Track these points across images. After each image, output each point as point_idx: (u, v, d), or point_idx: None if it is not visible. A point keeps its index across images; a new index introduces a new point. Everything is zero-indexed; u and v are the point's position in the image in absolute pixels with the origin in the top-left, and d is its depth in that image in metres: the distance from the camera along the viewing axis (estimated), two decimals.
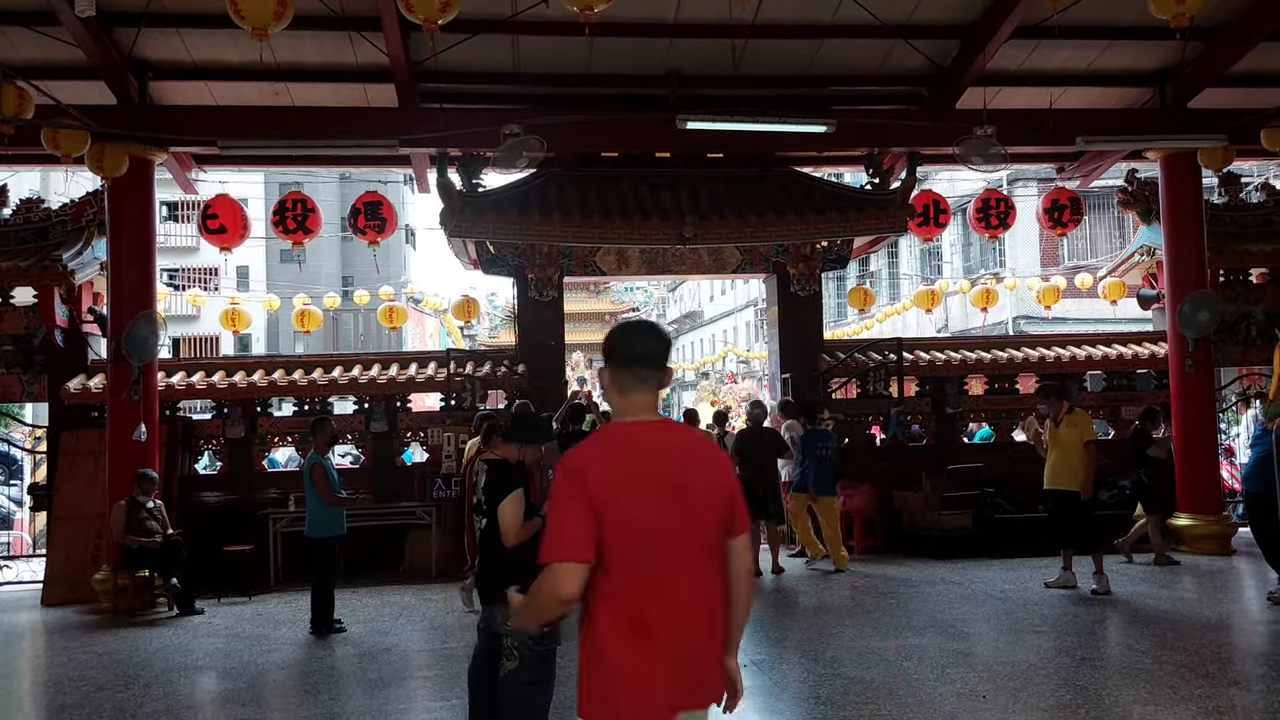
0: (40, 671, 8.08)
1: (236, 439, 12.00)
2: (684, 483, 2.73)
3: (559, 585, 2.64)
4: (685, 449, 2.81)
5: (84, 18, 8.69)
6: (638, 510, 2.66)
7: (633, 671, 2.68)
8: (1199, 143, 11.25)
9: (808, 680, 6.54)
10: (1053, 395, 9.63)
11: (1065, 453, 9.29)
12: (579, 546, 2.64)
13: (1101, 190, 18.95)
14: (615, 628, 2.70)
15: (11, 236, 11.80)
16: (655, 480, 2.70)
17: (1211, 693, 5.96)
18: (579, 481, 2.67)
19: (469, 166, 11.74)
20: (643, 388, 2.82)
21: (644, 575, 2.68)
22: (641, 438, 2.77)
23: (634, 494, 2.67)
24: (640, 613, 2.68)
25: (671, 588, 2.70)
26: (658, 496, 2.69)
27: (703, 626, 2.76)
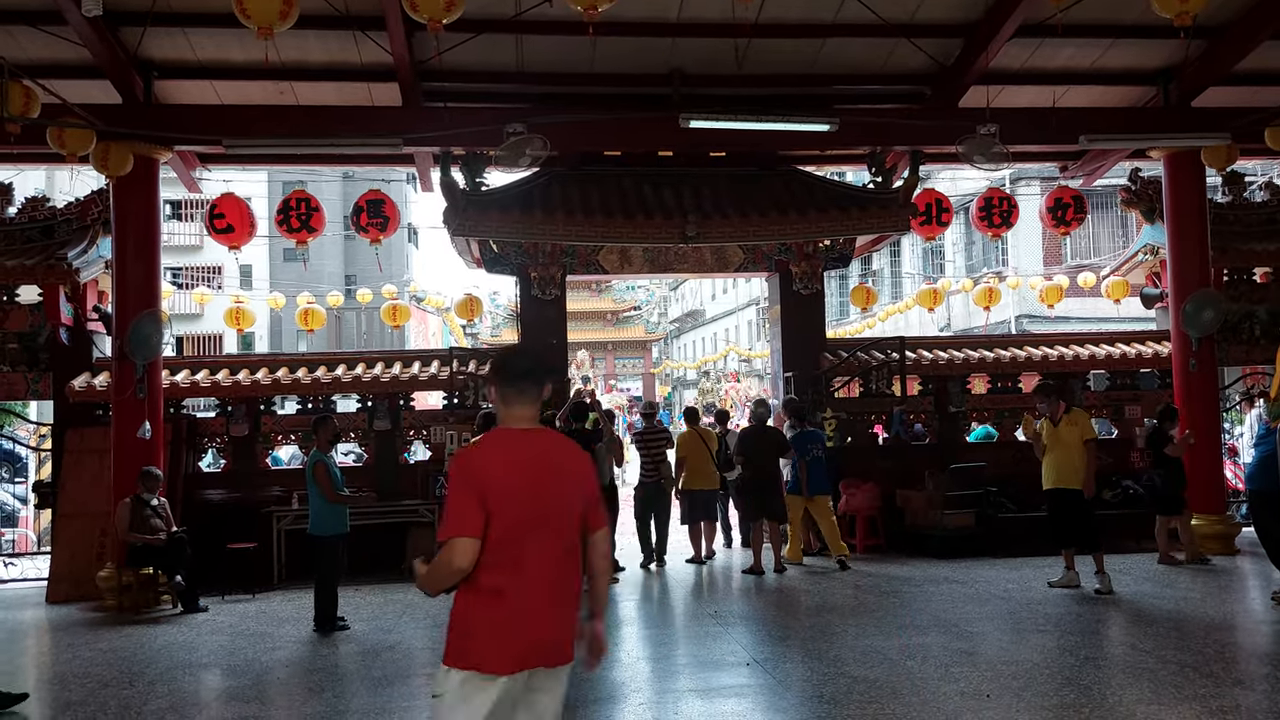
0: (45, 668, 8.10)
1: (240, 437, 12.02)
2: (549, 480, 3.34)
3: (455, 557, 3.21)
4: (553, 452, 3.43)
5: (90, 17, 8.71)
6: (510, 500, 3.24)
7: (484, 628, 3.25)
8: (1203, 141, 11.25)
9: (811, 679, 6.55)
10: (1051, 394, 9.61)
11: (1066, 452, 9.27)
12: (472, 525, 3.20)
13: (1104, 189, 18.95)
14: (478, 594, 3.27)
15: (17, 235, 11.83)
16: (527, 477, 3.30)
17: (1215, 692, 5.97)
18: (470, 474, 3.29)
19: (472, 165, 11.76)
20: (522, 400, 3.42)
21: (506, 553, 3.24)
22: (519, 441, 3.39)
23: (508, 486, 3.26)
24: (499, 584, 3.25)
25: (528, 566, 3.27)
26: (527, 490, 3.28)
27: (551, 600, 3.31)
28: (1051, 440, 9.36)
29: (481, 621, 3.27)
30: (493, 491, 3.23)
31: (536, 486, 3.30)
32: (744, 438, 11.22)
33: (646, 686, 6.70)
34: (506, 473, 3.28)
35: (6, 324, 11.66)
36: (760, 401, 12.14)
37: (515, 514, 3.25)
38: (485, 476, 3.26)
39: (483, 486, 3.24)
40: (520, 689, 3.28)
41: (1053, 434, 9.36)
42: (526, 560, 3.27)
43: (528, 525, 3.27)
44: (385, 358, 12.88)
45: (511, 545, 3.26)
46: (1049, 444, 9.37)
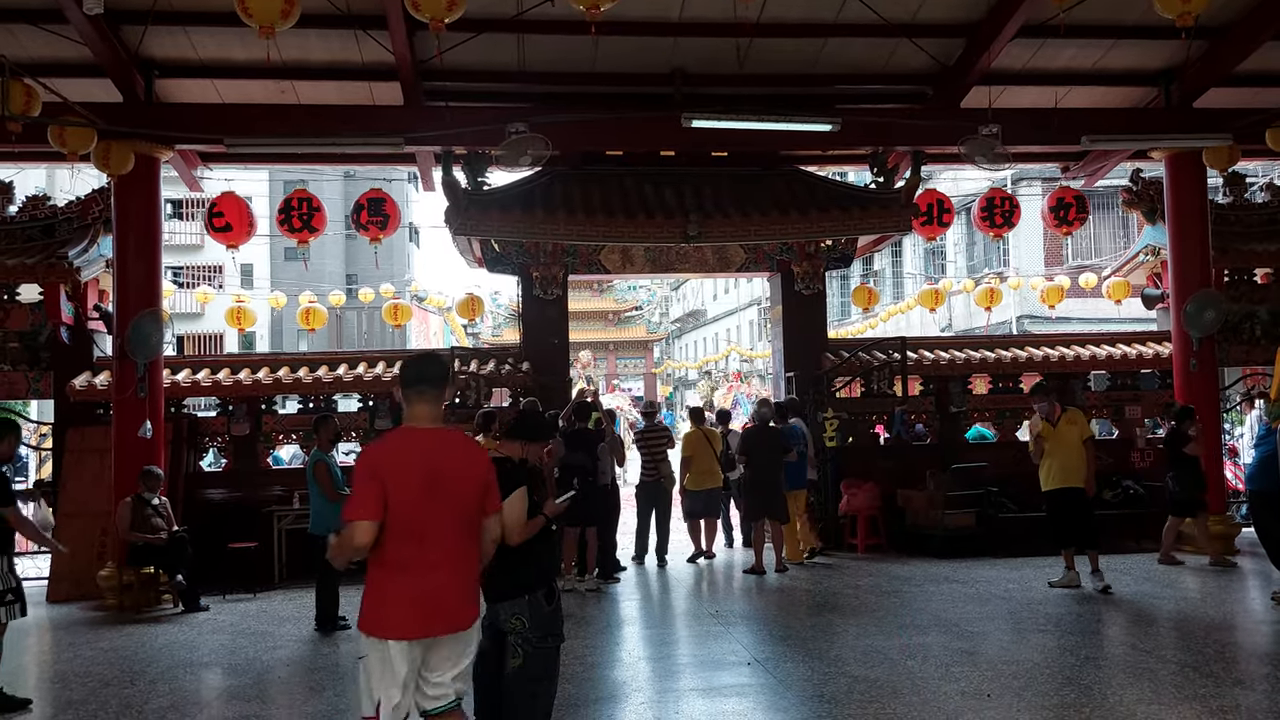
0: (46, 667, 8.10)
1: (241, 436, 12.03)
2: (444, 471, 3.85)
3: (356, 536, 3.75)
4: (450, 447, 3.96)
5: (91, 15, 8.72)
6: (408, 488, 3.77)
7: (393, 600, 3.81)
8: (1204, 142, 11.24)
9: (811, 678, 6.55)
10: (1050, 395, 9.62)
11: (1067, 452, 9.27)
12: (371, 510, 3.74)
13: (1106, 190, 18.94)
14: (386, 569, 3.83)
15: (18, 234, 11.83)
16: (423, 468, 3.82)
17: (1216, 692, 5.97)
18: (373, 466, 3.84)
19: (474, 165, 11.76)
20: (422, 401, 3.97)
21: (408, 533, 3.79)
22: (420, 438, 3.93)
23: (407, 476, 3.78)
24: (403, 559, 3.80)
25: (428, 543, 3.82)
26: (424, 479, 3.80)
27: (450, 572, 3.88)
28: (1051, 441, 9.34)
29: (391, 593, 3.82)
30: (391, 481, 3.77)
31: (433, 476, 3.82)
32: (746, 437, 11.22)
33: (648, 685, 6.70)
34: (404, 464, 3.82)
35: (7, 323, 11.66)
36: (764, 401, 12.15)
37: (413, 499, 3.78)
38: (385, 468, 3.81)
39: (382, 476, 3.78)
40: (428, 650, 3.84)
41: (1052, 435, 9.35)
42: (427, 538, 3.82)
43: (425, 509, 3.81)
44: (386, 357, 12.88)
45: (412, 526, 3.80)
46: (1049, 445, 9.35)
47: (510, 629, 4.82)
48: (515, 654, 4.81)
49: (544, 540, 5.05)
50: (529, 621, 4.79)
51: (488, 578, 5.06)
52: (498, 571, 4.95)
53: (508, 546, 4.87)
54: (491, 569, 5.01)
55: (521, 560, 4.89)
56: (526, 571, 4.89)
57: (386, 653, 3.81)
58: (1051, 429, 9.35)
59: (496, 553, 4.94)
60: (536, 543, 4.95)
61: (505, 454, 5.12)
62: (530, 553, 4.92)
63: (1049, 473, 9.39)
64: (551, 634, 4.90)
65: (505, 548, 4.88)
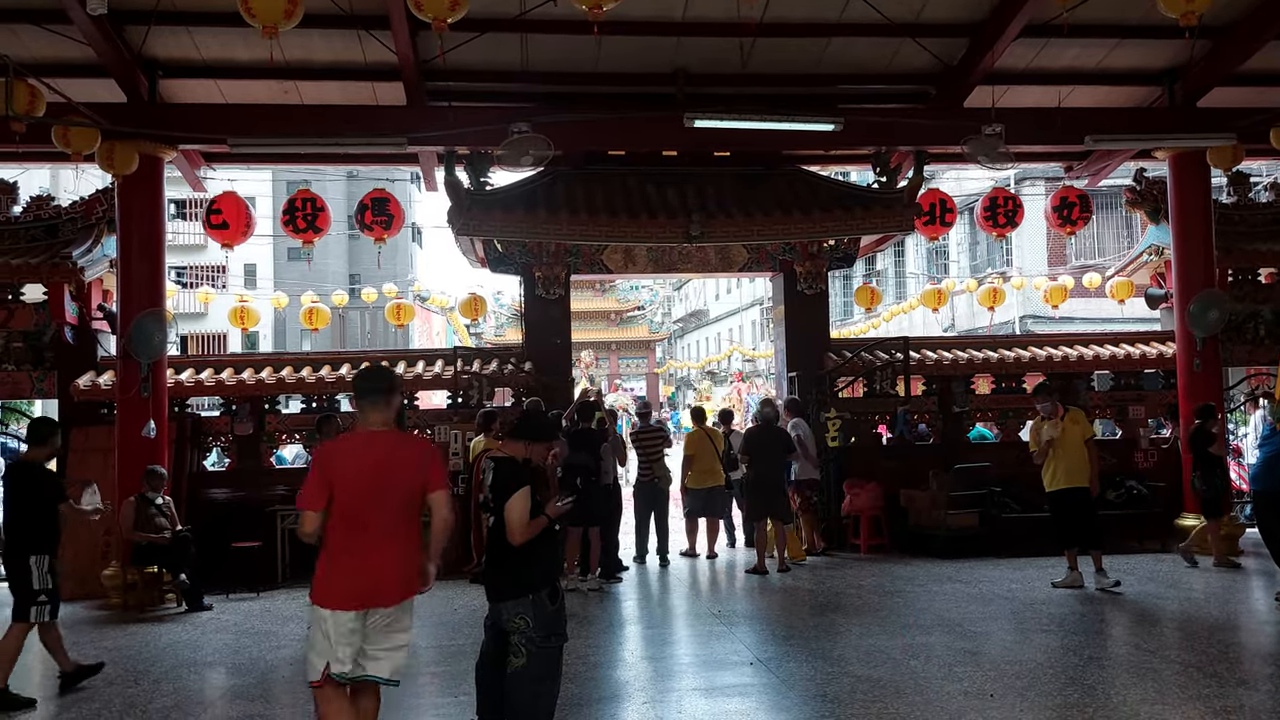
0: (50, 666, 8.10)
1: (245, 436, 12.03)
2: (385, 466, 4.46)
3: (304, 523, 4.48)
4: (392, 445, 4.56)
5: (95, 16, 8.73)
6: (352, 481, 4.41)
7: (337, 576, 4.42)
8: (1208, 142, 11.22)
9: (814, 678, 6.54)
10: (1053, 394, 9.62)
11: (1071, 452, 9.28)
12: (316, 501, 4.40)
13: (1109, 189, 18.91)
14: (333, 549, 4.44)
15: (22, 234, 11.85)
16: (366, 464, 4.44)
17: (1219, 693, 5.96)
18: (321, 462, 4.52)
19: (477, 165, 11.77)
20: (371, 408, 4.57)
21: (349, 520, 4.40)
22: (366, 439, 4.57)
23: (352, 472, 4.43)
24: (346, 544, 4.42)
25: (364, 530, 4.41)
26: (366, 474, 4.43)
27: (386, 557, 4.44)
28: (1055, 441, 9.34)
29: (334, 571, 4.44)
30: (336, 476, 4.41)
31: (376, 471, 4.43)
32: (749, 437, 11.22)
33: (650, 685, 6.70)
34: (350, 462, 4.45)
35: (11, 323, 11.68)
36: (766, 401, 12.16)
37: (357, 491, 4.40)
38: (332, 466, 4.45)
39: (329, 473, 4.42)
40: (366, 621, 4.41)
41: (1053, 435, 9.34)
42: (369, 525, 4.41)
43: (368, 499, 4.40)
44: (389, 357, 12.91)
45: (355, 514, 4.40)
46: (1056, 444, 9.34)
47: (514, 628, 4.83)
48: (518, 653, 4.82)
49: (547, 540, 5.06)
50: (532, 621, 4.80)
51: (490, 577, 5.07)
52: (501, 571, 4.96)
53: (510, 546, 4.88)
54: (494, 568, 5.02)
55: (525, 560, 4.90)
56: (530, 571, 4.90)
57: (328, 623, 4.37)
58: (1057, 430, 9.36)
59: (499, 553, 4.96)
60: (539, 542, 4.96)
61: (509, 454, 5.13)
62: (533, 552, 4.93)
63: (1053, 473, 9.39)
64: (555, 633, 4.91)
65: (508, 547, 4.89)
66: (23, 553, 6.68)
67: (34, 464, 6.95)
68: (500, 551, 4.95)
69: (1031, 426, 9.98)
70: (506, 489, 4.90)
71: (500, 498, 4.90)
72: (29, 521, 6.74)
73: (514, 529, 4.83)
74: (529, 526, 4.85)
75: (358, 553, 4.40)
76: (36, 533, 6.71)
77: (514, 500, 4.85)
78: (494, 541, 4.99)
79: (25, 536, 6.71)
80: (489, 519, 5.03)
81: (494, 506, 4.96)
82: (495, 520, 4.95)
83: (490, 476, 5.02)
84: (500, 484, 4.94)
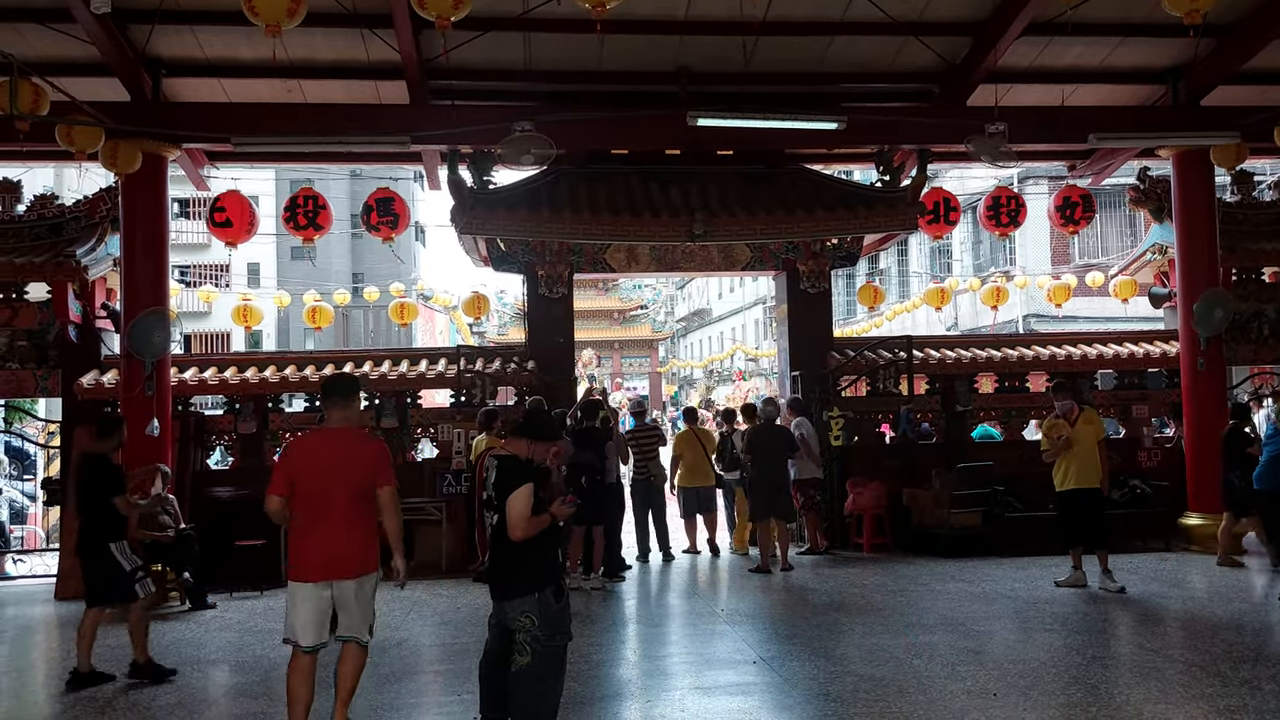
0: (54, 664, 8.12)
1: (248, 434, 12.04)
2: (339, 459, 5.25)
3: (268, 506, 5.28)
4: (348, 442, 5.34)
5: (99, 15, 8.74)
6: (312, 472, 5.24)
7: (304, 553, 5.27)
8: (1212, 140, 11.21)
9: (817, 677, 6.55)
10: (1070, 393, 9.57)
11: (1083, 452, 9.24)
12: (278, 488, 5.26)
13: (1113, 188, 18.90)
14: (297, 532, 5.32)
15: (26, 232, 11.86)
16: (323, 457, 5.28)
17: (1223, 692, 5.96)
18: (285, 457, 5.47)
19: (480, 163, 11.77)
20: (334, 408, 5.43)
21: (311, 504, 5.22)
22: (326, 435, 5.44)
23: (310, 463, 5.27)
24: (309, 525, 5.24)
25: (325, 512, 5.20)
26: (325, 464, 5.23)
27: (344, 535, 5.22)
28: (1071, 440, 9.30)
29: (301, 549, 5.27)
30: (298, 468, 5.26)
31: (333, 463, 5.22)
32: (752, 436, 11.22)
33: (653, 683, 6.70)
34: (311, 455, 5.32)
35: (15, 321, 11.68)
36: (769, 400, 12.18)
37: (316, 480, 5.20)
38: (294, 459, 5.36)
39: (290, 465, 5.32)
40: (331, 591, 5.24)
41: (1071, 434, 9.31)
42: (329, 508, 5.18)
43: (326, 487, 5.19)
44: (392, 356, 12.90)
45: (315, 499, 5.19)
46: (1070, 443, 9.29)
47: (519, 627, 4.83)
48: (523, 652, 4.82)
49: (551, 538, 5.06)
50: (538, 619, 4.80)
51: (495, 576, 5.08)
52: (506, 570, 4.97)
53: (514, 545, 4.88)
54: (498, 567, 5.03)
55: (530, 558, 4.90)
56: (535, 569, 4.90)
57: (300, 593, 5.24)
58: (1069, 428, 9.31)
59: (503, 551, 4.96)
60: (544, 540, 4.96)
61: (511, 451, 5.14)
62: (538, 551, 4.93)
63: (1064, 473, 9.34)
64: (560, 632, 4.91)
65: (512, 546, 4.89)
66: (102, 541, 7.03)
67: (100, 457, 7.24)
68: (504, 550, 4.96)
69: (1045, 425, 9.91)
70: (509, 486, 4.90)
71: (503, 496, 4.90)
72: (102, 511, 7.05)
73: (514, 524, 4.83)
74: (530, 523, 4.85)
75: (319, 532, 5.20)
76: (110, 521, 7.06)
77: (516, 495, 4.85)
78: (498, 540, 4.99)
79: (101, 526, 7.05)
80: (493, 518, 5.03)
81: (497, 505, 4.96)
82: (499, 519, 4.95)
83: (493, 475, 5.03)
84: (503, 482, 4.94)
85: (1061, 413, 9.46)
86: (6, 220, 11.97)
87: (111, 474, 7.17)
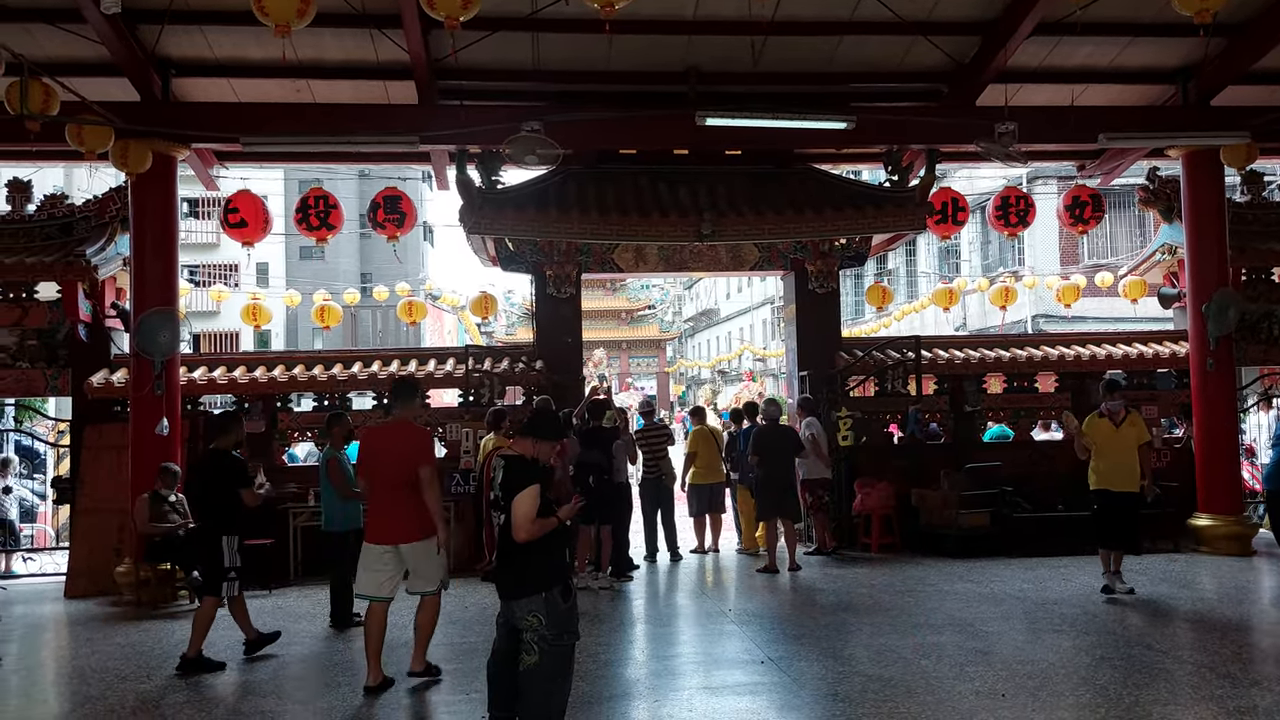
0: (64, 663, 8.16)
1: (257, 433, 12.06)
2: (394, 445, 6.59)
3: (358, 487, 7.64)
4: (401, 432, 6.67)
5: (109, 15, 8.77)
6: (375, 456, 6.68)
7: (374, 520, 6.71)
8: (1222, 140, 11.17)
9: (826, 677, 6.54)
10: (1123, 394, 9.31)
11: (1126, 454, 8.98)
12: (360, 472, 7.05)
13: (1122, 188, 18.85)
14: (370, 503, 6.85)
15: (36, 232, 11.90)
16: (383, 444, 6.68)
17: (1233, 693, 5.94)
18: (360, 445, 7.01)
19: (488, 163, 11.78)
20: (396, 406, 6.92)
21: (377, 482, 6.66)
22: (387, 427, 7.25)
23: (375, 450, 6.71)
24: (375, 498, 6.71)
25: (386, 488, 6.58)
26: (383, 451, 6.63)
27: (401, 507, 6.51)
28: (1111, 441, 9.04)
29: (371, 518, 6.76)
30: (365, 454, 6.79)
31: (389, 449, 6.58)
32: (759, 436, 11.21)
33: (661, 683, 6.70)
34: (375, 444, 6.74)
35: (26, 321, 11.73)
36: (771, 400, 12.20)
37: (378, 463, 6.62)
38: (364, 447, 6.85)
39: (362, 452, 6.86)
40: (399, 553, 6.57)
41: (1113, 435, 9.05)
42: (389, 485, 6.54)
43: (386, 468, 6.55)
44: (401, 355, 12.92)
45: (379, 478, 6.61)
46: (1106, 445, 9.04)
47: (526, 626, 4.84)
48: (531, 651, 4.82)
49: (558, 538, 5.06)
50: (545, 619, 4.80)
51: (502, 575, 5.08)
52: (513, 569, 4.97)
53: (521, 544, 4.89)
54: (506, 566, 5.03)
55: (537, 558, 4.91)
56: (542, 569, 4.91)
57: (370, 553, 6.60)
58: (1114, 429, 9.06)
59: (509, 550, 4.97)
60: (551, 540, 4.97)
61: (519, 451, 5.14)
62: (545, 550, 4.94)
63: (1101, 473, 9.08)
64: (567, 631, 4.91)
65: (518, 545, 4.90)
66: (215, 533, 7.44)
67: (222, 452, 7.58)
68: (512, 549, 4.96)
69: (1087, 421, 9.37)
70: (516, 486, 4.91)
71: (510, 496, 4.91)
72: (220, 504, 7.42)
73: (518, 525, 4.84)
74: (535, 524, 4.85)
75: (382, 505, 6.60)
76: (227, 514, 7.44)
77: (521, 497, 4.86)
78: (505, 540, 5.00)
79: (218, 518, 7.45)
80: (500, 518, 5.04)
81: (504, 505, 4.97)
82: (506, 518, 4.96)
83: (500, 475, 5.03)
84: (510, 482, 4.95)
85: (1109, 412, 9.15)
86: (17, 220, 12.02)
87: (236, 467, 7.51)
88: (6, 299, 11.76)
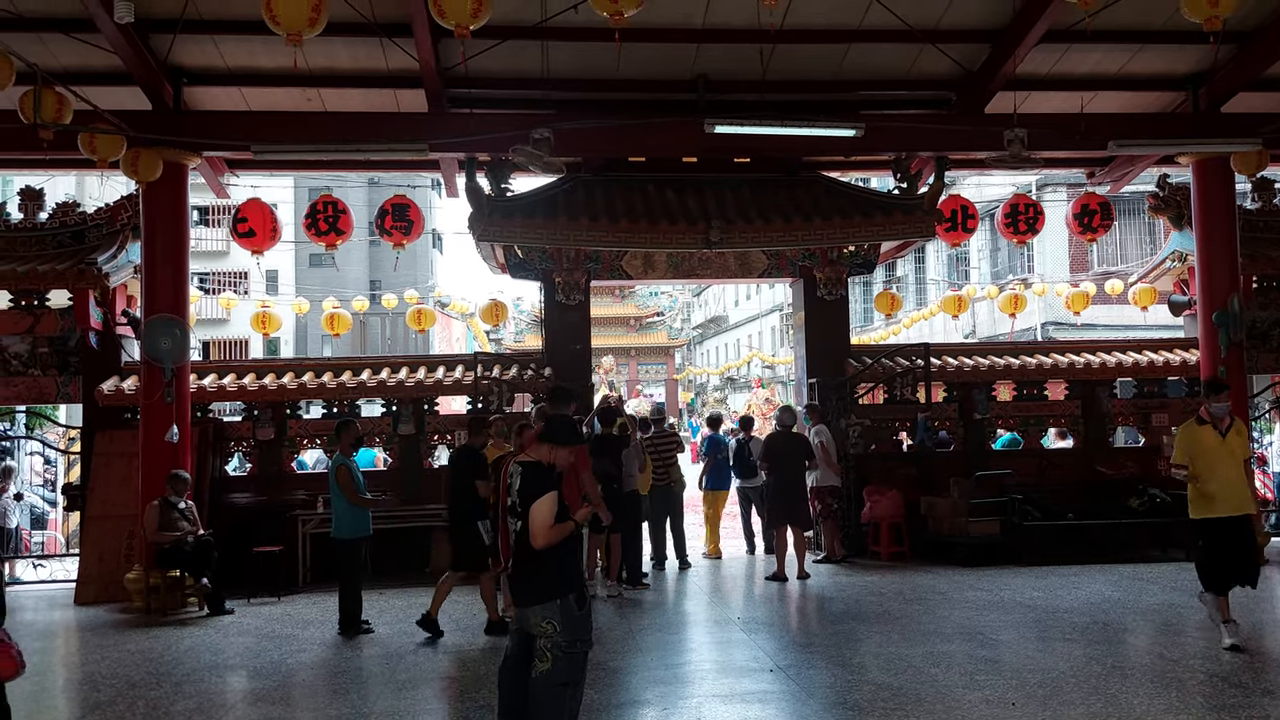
0: (74, 669, 8.18)
1: (266, 441, 12.10)
2: None
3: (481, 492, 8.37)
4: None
5: (121, 24, 8.83)
6: None
7: None
8: (1232, 147, 11.12)
9: (835, 686, 6.53)
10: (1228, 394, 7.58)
11: (1235, 469, 7.30)
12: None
13: (1132, 195, 18.79)
14: None
15: (48, 240, 11.97)
16: None
17: (1245, 702, 5.91)
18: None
19: (497, 171, 11.81)
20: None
21: None
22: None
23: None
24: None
25: None
26: None
27: None
28: (1218, 455, 7.30)
29: None
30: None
31: None
32: (769, 444, 11.20)
33: (670, 691, 6.69)
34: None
35: (37, 328, 11.79)
36: (785, 408, 12.17)
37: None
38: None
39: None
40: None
41: (1220, 448, 7.31)
42: None
43: None
44: (410, 362, 12.94)
45: None
46: (1214, 460, 7.29)
47: (540, 632, 4.83)
48: (544, 658, 4.81)
49: (572, 545, 5.06)
50: (560, 625, 4.79)
51: (518, 581, 5.08)
52: (528, 576, 4.96)
53: (537, 551, 4.88)
54: (521, 573, 5.02)
55: (553, 564, 4.90)
56: (558, 576, 4.90)
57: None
58: (1220, 439, 7.33)
59: (526, 557, 4.96)
60: (565, 547, 4.96)
61: (535, 458, 5.14)
62: (561, 557, 4.93)
63: (1210, 497, 7.27)
64: (581, 639, 4.90)
65: (534, 552, 4.89)
66: (471, 518, 8.37)
67: (473, 449, 8.75)
68: (527, 556, 4.95)
69: (1180, 431, 7.63)
70: (534, 493, 4.90)
71: (528, 503, 4.90)
72: (472, 493, 8.38)
73: (536, 531, 4.83)
74: (553, 530, 4.85)
75: None
76: (478, 502, 8.35)
77: (540, 503, 4.85)
78: (521, 546, 4.99)
79: (474, 505, 8.37)
80: (516, 524, 5.03)
81: (521, 511, 4.96)
82: (523, 525, 4.95)
83: (518, 481, 5.03)
84: (528, 488, 4.94)
85: (1213, 418, 7.39)
86: (29, 228, 12.09)
87: (480, 463, 8.52)
88: (18, 306, 11.83)
